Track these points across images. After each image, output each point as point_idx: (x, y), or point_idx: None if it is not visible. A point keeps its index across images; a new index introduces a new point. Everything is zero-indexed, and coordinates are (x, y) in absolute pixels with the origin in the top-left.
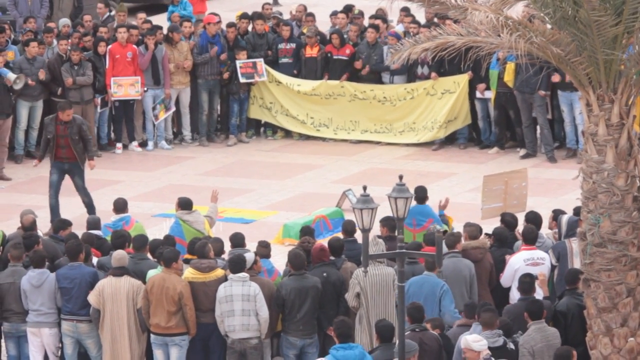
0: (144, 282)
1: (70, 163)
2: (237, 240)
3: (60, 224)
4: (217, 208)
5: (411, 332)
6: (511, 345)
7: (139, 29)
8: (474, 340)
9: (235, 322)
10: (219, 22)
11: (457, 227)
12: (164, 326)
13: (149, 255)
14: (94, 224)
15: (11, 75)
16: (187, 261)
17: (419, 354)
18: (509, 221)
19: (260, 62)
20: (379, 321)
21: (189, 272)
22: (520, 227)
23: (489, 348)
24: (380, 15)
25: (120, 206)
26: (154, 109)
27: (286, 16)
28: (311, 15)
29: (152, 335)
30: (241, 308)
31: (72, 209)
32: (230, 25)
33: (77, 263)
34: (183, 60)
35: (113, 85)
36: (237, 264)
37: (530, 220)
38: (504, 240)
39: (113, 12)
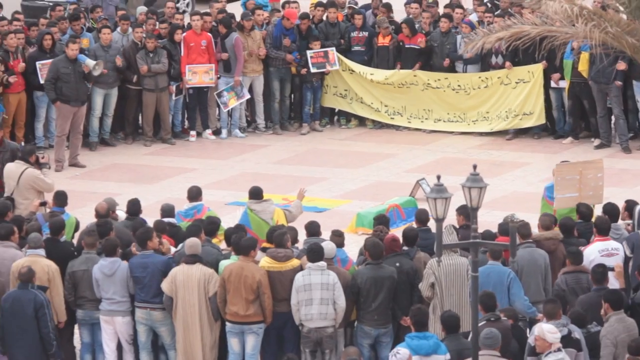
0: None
1: None
2: (313, 229)
3: (136, 206)
4: (300, 205)
5: (487, 322)
6: (575, 335)
7: (213, 16)
8: (550, 331)
9: (313, 310)
10: (297, 21)
11: (531, 217)
12: (243, 314)
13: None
14: (168, 211)
15: (90, 62)
16: (263, 249)
17: None
18: (583, 212)
19: (332, 51)
20: (444, 312)
21: (265, 261)
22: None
23: None
24: (455, 3)
25: (194, 194)
26: (220, 95)
27: (361, 2)
28: (386, 6)
29: (227, 324)
30: (320, 297)
31: (146, 196)
32: (303, 16)
33: (149, 251)
34: (257, 49)
35: (188, 72)
36: (316, 253)
37: (608, 212)
38: (570, 231)
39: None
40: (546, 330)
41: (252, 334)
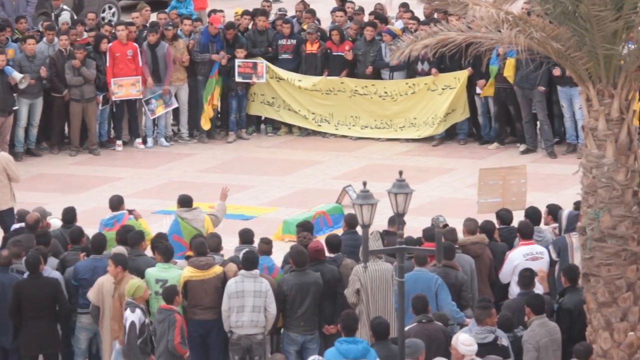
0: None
1: None
2: (247, 237)
3: (71, 214)
4: (225, 206)
5: (418, 324)
6: (503, 342)
7: (137, 26)
8: (464, 342)
9: (245, 317)
10: (222, 27)
11: (457, 222)
12: None
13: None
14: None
15: (17, 75)
16: (188, 258)
17: (426, 345)
18: (503, 216)
19: (261, 63)
20: (374, 319)
21: (187, 270)
22: (516, 223)
23: (479, 344)
24: (378, 12)
25: (114, 204)
26: (148, 103)
27: (290, 12)
28: (311, 12)
29: None
30: (252, 304)
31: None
32: (229, 26)
33: (100, 256)
34: (180, 56)
35: (114, 86)
36: (250, 262)
37: (530, 215)
38: (489, 234)
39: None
40: (460, 342)
41: None
